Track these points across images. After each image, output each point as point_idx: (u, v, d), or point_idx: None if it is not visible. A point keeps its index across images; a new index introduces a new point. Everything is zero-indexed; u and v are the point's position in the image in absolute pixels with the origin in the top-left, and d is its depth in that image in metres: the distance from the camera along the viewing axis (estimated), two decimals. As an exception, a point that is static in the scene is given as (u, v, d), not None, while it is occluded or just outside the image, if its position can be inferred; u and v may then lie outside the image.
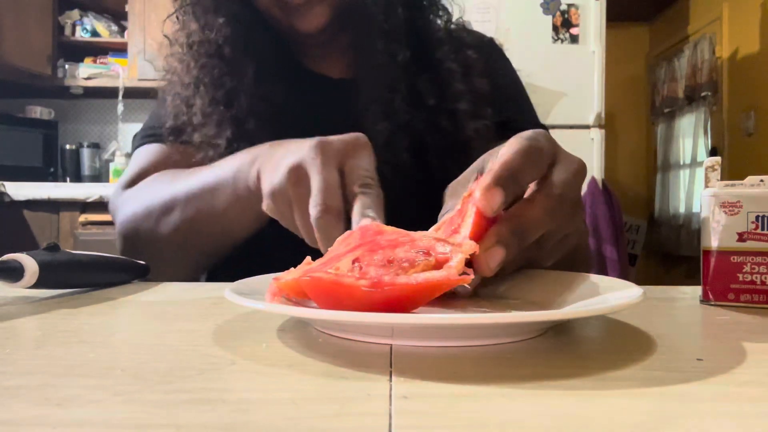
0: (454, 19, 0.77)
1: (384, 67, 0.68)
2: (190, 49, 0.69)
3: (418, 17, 0.73)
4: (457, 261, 0.30)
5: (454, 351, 0.29)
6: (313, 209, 0.44)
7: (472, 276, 0.30)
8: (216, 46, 0.68)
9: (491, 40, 0.81)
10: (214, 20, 0.67)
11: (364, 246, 0.34)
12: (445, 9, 0.76)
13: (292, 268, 0.34)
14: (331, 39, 0.72)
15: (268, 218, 0.54)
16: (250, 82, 0.67)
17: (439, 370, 0.26)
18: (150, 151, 0.73)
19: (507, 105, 0.74)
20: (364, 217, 0.43)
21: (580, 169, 0.39)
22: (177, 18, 0.72)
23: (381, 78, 0.68)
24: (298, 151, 0.48)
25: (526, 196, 0.38)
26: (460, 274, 0.29)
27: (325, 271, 0.31)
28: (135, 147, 0.77)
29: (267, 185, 0.49)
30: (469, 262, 0.38)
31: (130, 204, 0.67)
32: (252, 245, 0.59)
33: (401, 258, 0.31)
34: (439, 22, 0.75)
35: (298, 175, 0.46)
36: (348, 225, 0.44)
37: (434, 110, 0.69)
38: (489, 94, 0.72)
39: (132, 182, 0.71)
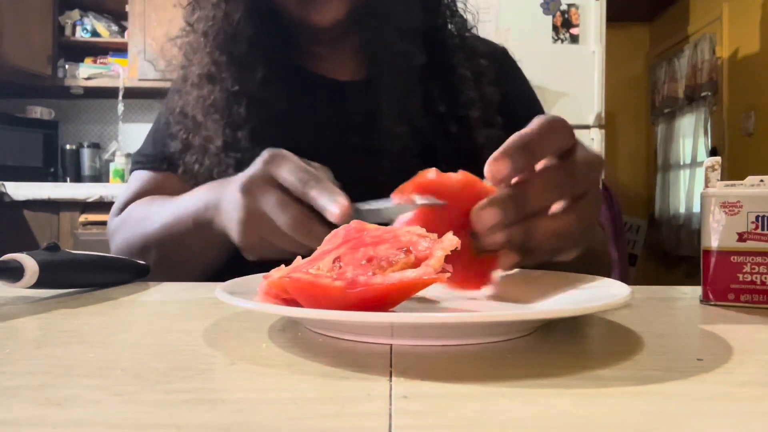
0: (468, 27, 0.77)
1: (402, 69, 0.68)
2: (205, 38, 0.69)
3: (433, 21, 0.73)
4: (435, 259, 0.30)
5: (454, 351, 0.29)
6: (288, 230, 0.44)
7: (449, 274, 0.30)
8: (231, 40, 0.67)
9: (504, 50, 0.81)
10: (233, 12, 0.67)
11: (348, 243, 0.34)
12: (460, 16, 0.76)
13: (283, 266, 0.34)
14: (342, 37, 0.71)
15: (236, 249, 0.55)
16: (256, 84, 0.67)
17: (439, 370, 0.26)
18: (140, 178, 0.76)
19: (523, 119, 0.74)
20: (329, 203, 0.42)
21: (598, 160, 0.40)
22: (194, 7, 0.71)
23: (399, 80, 0.68)
24: (235, 200, 0.48)
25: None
26: (439, 272, 0.29)
27: (305, 271, 0.31)
28: (130, 171, 0.80)
29: (242, 246, 0.50)
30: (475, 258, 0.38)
31: (117, 236, 0.71)
32: None
33: (380, 256, 0.31)
34: (452, 28, 0.75)
35: (253, 219, 0.47)
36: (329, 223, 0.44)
37: (445, 116, 0.69)
38: (500, 103, 0.72)
39: (123, 209, 0.74)
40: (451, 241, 0.32)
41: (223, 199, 0.53)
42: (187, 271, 0.61)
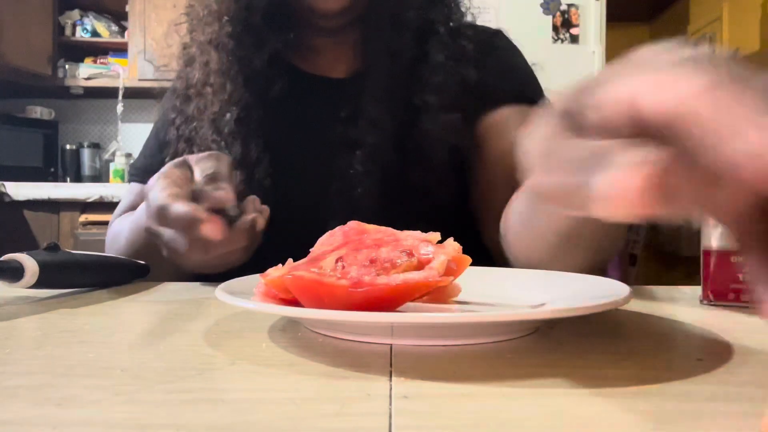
0: (468, 17, 0.76)
1: (399, 64, 0.68)
2: (219, 5, 0.69)
3: (431, 18, 0.72)
4: (439, 263, 0.30)
5: (454, 351, 0.29)
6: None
7: (453, 278, 0.30)
8: (243, 10, 0.68)
9: (498, 32, 0.79)
10: None
11: (349, 245, 0.34)
12: (459, 12, 0.75)
13: (279, 265, 0.34)
14: (344, 28, 0.71)
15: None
16: (261, 60, 0.68)
17: (439, 370, 0.26)
18: (134, 191, 0.78)
19: (513, 94, 0.71)
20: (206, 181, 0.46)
21: None
22: None
23: (396, 75, 0.68)
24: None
25: None
26: (442, 275, 0.30)
27: (308, 270, 0.31)
28: (128, 181, 0.83)
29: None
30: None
31: (107, 245, 0.75)
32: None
33: (383, 258, 0.31)
34: (451, 24, 0.74)
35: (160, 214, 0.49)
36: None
37: (418, 107, 0.68)
38: (475, 86, 0.69)
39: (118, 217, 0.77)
40: (453, 247, 0.32)
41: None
42: (171, 276, 0.62)
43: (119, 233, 0.69)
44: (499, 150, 0.67)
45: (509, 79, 0.74)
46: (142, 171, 0.78)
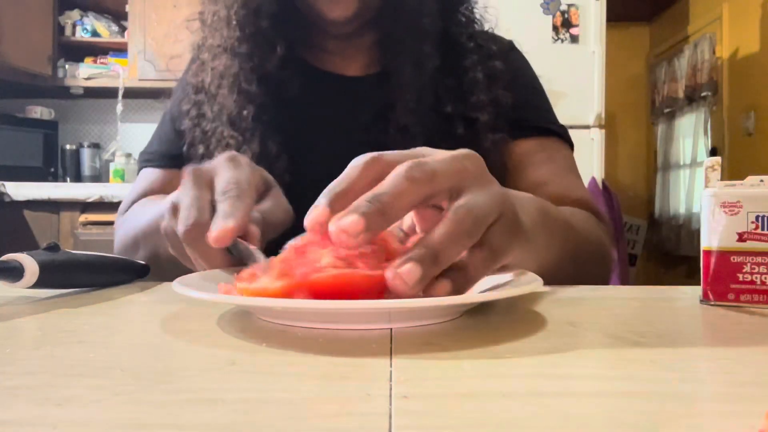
0: (485, 28, 0.78)
1: (418, 67, 0.69)
2: (229, 11, 0.69)
3: (450, 22, 0.73)
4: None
5: (455, 350, 0.29)
6: (179, 227, 0.43)
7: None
8: (252, 15, 0.68)
9: (511, 44, 0.82)
10: None
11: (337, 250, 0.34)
12: (477, 21, 0.77)
13: (260, 274, 0.34)
14: (356, 33, 0.72)
15: None
16: (268, 64, 0.68)
17: (439, 370, 0.26)
18: (148, 176, 0.77)
19: (520, 105, 0.74)
20: (221, 221, 0.41)
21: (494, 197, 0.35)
22: None
23: (413, 77, 0.68)
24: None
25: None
26: None
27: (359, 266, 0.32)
28: (138, 169, 0.81)
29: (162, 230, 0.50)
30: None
31: (117, 235, 0.73)
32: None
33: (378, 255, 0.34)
34: (470, 30, 0.76)
35: (175, 208, 0.46)
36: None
37: (453, 118, 0.69)
38: (510, 106, 0.72)
39: (129, 207, 0.75)
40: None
41: None
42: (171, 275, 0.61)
43: (138, 215, 0.67)
44: (524, 184, 0.69)
45: (528, 104, 0.76)
46: (159, 156, 0.77)
